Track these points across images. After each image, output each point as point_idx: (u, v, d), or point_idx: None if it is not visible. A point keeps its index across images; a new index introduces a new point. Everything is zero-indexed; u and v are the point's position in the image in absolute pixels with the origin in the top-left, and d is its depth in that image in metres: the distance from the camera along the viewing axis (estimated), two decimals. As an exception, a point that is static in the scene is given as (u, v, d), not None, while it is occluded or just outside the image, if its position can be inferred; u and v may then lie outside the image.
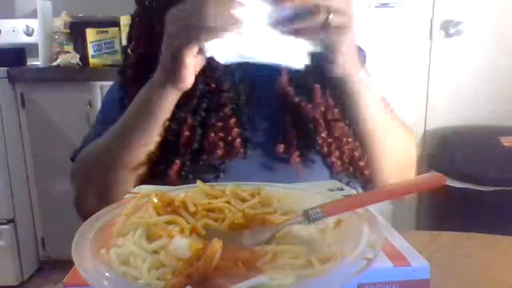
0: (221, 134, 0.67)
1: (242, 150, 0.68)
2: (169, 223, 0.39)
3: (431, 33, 2.10)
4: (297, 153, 0.69)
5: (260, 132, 0.70)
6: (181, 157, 0.67)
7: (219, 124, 0.67)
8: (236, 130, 0.68)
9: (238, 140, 0.68)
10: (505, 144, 1.87)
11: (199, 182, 0.47)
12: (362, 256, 0.33)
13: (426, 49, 2.11)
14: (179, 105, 0.67)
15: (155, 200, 0.41)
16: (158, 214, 0.40)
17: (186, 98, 0.67)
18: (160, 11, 0.67)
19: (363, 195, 0.42)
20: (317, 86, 0.69)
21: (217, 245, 0.33)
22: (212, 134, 0.67)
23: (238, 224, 0.40)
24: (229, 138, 0.67)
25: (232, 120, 0.68)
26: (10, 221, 1.93)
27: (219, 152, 0.67)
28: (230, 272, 0.32)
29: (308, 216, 0.38)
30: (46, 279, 2.00)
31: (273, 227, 0.39)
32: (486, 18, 2.07)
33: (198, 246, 0.34)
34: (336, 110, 0.70)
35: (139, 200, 0.43)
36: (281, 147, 0.68)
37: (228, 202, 0.43)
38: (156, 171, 0.68)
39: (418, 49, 2.10)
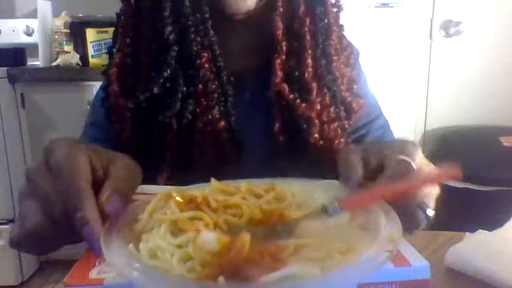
0: (210, 139, 0.64)
1: (233, 155, 0.65)
2: (193, 219, 0.40)
3: (431, 33, 2.10)
4: (287, 155, 0.66)
5: (251, 134, 0.67)
6: (169, 164, 0.65)
7: (208, 128, 0.64)
8: (226, 134, 0.65)
9: (229, 145, 0.65)
10: (505, 144, 1.87)
11: (213, 180, 0.48)
12: (383, 248, 0.34)
13: (426, 49, 2.11)
14: (162, 109, 0.64)
15: (177, 198, 0.42)
16: (181, 211, 0.41)
17: (168, 101, 0.64)
18: (146, 9, 0.66)
19: (381, 190, 0.42)
20: (314, 84, 0.67)
21: (246, 237, 0.34)
22: (201, 140, 0.64)
23: (256, 219, 0.41)
24: (219, 143, 0.65)
25: (221, 124, 0.65)
26: (10, 221, 1.93)
27: (209, 158, 0.64)
28: (258, 263, 0.33)
29: (327, 211, 0.39)
30: (46, 279, 1.99)
31: (292, 222, 0.40)
32: (486, 18, 2.07)
33: (225, 240, 0.35)
34: (331, 109, 0.68)
35: (161, 199, 0.44)
36: (270, 151, 0.66)
37: (243, 198, 0.44)
38: (144, 178, 0.66)
39: (418, 49, 2.10)
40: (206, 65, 0.65)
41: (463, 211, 1.79)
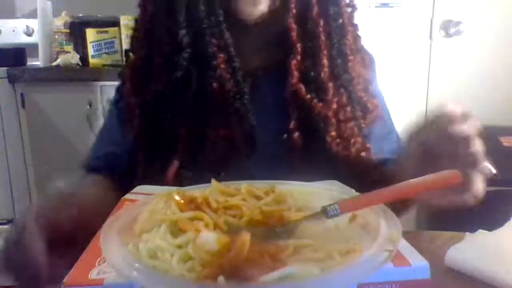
0: (223, 133, 0.66)
1: (245, 149, 0.66)
2: (193, 219, 0.40)
3: (431, 33, 2.10)
4: (301, 152, 0.67)
5: (265, 131, 0.68)
6: (180, 156, 0.66)
7: (221, 122, 0.66)
8: (239, 129, 0.66)
9: (241, 139, 0.66)
10: (505, 144, 1.87)
11: (213, 181, 0.48)
12: (382, 248, 0.34)
13: (426, 49, 2.11)
14: (175, 104, 0.66)
15: (177, 198, 0.42)
16: (181, 211, 0.41)
17: (181, 99, 0.66)
18: (161, 13, 0.68)
19: (381, 192, 0.42)
20: (330, 83, 0.68)
21: (246, 237, 0.34)
22: (213, 133, 0.66)
23: (256, 220, 0.41)
24: (232, 137, 0.66)
25: (235, 119, 0.66)
26: (10, 221, 1.93)
27: (221, 151, 0.66)
28: (258, 263, 0.33)
29: (326, 213, 0.39)
30: (46, 279, 1.99)
31: (292, 223, 0.40)
32: (486, 18, 2.07)
33: (225, 240, 0.35)
34: (348, 109, 0.69)
35: (161, 199, 0.44)
36: (285, 149, 0.67)
37: (244, 200, 0.44)
38: (153, 170, 0.67)
39: (418, 49, 2.10)
40: (222, 66, 0.66)
41: (463, 211, 1.79)
